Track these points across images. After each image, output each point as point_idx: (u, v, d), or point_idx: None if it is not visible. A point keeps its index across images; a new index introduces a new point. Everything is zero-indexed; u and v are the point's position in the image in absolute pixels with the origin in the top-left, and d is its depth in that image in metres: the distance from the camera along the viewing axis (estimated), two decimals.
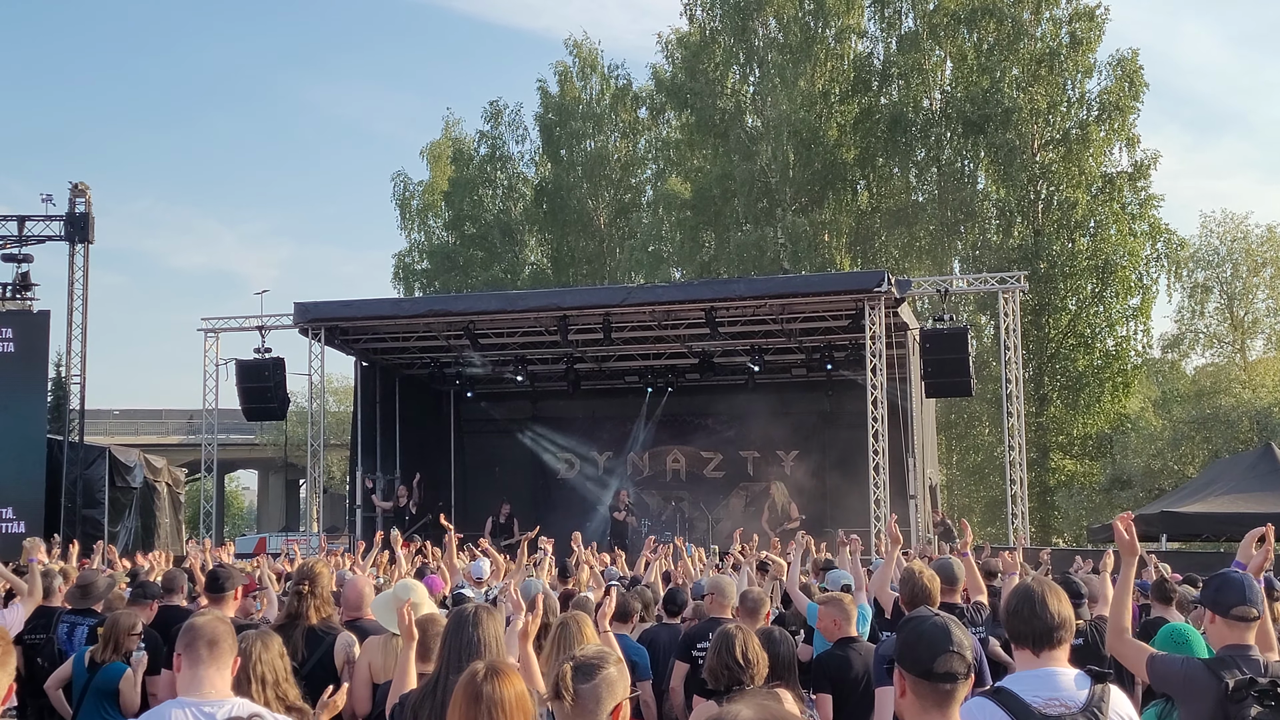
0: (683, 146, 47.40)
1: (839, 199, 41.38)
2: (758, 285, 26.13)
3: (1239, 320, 42.30)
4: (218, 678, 4.27)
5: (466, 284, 49.56)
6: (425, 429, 30.03)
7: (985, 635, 8.17)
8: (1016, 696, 3.99)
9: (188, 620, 4.51)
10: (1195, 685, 4.73)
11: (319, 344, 26.37)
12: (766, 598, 8.31)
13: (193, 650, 4.30)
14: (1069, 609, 4.26)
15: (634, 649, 7.92)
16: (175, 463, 35.45)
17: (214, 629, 4.38)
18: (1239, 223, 41.79)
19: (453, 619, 5.11)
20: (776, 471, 28.75)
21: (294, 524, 42.74)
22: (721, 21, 43.50)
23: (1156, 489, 33.29)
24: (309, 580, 7.11)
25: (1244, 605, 4.88)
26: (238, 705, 4.19)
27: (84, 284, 28.51)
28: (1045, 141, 38.71)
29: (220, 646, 4.31)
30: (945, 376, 23.98)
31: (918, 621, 3.66)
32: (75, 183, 28.59)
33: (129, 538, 28.44)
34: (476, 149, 54.50)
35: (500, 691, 3.54)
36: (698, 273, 42.45)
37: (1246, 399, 36.12)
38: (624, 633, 8.21)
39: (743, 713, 2.16)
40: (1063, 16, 39.50)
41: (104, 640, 7.54)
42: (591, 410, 30.78)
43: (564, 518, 29.00)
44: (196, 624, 4.43)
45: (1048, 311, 38.07)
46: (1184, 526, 21.89)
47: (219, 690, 4.21)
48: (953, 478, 40.58)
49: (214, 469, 28.78)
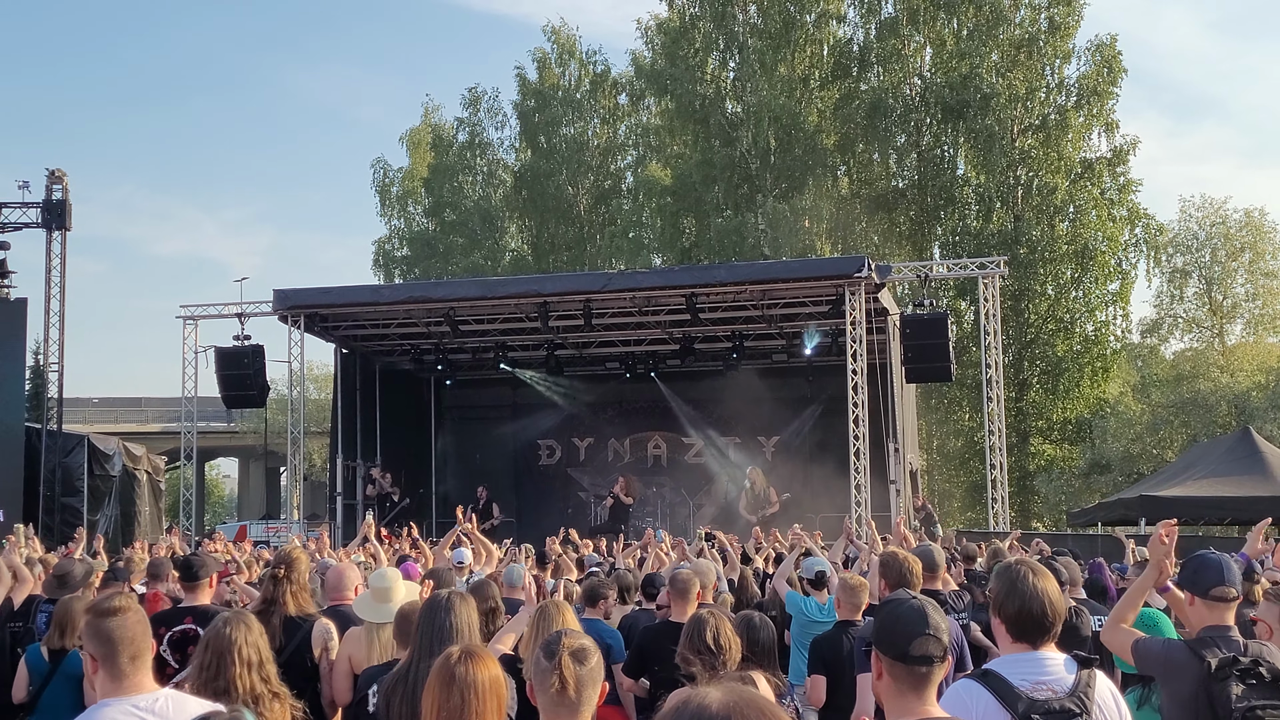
0: (663, 133, 47.34)
1: (819, 185, 41.37)
2: (738, 271, 26.17)
3: (1218, 305, 42.42)
4: (144, 680, 4.07)
5: (447, 271, 49.47)
6: (405, 416, 30.00)
7: (967, 621, 8.19)
8: (1004, 679, 3.99)
9: (98, 620, 4.10)
10: (1177, 665, 4.75)
11: (299, 331, 26.30)
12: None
13: (114, 663, 4.02)
14: (1059, 593, 4.26)
15: (608, 633, 7.90)
16: (155, 451, 35.39)
17: (135, 637, 4.08)
18: (1218, 208, 41.90)
19: (426, 605, 5.12)
20: (757, 457, 28.79)
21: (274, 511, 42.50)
22: (701, 7, 43.41)
23: (1135, 473, 33.42)
24: (285, 565, 7.07)
25: (1222, 586, 4.91)
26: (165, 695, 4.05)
27: (61, 271, 28.43)
28: (1024, 127, 38.77)
29: (142, 656, 4.08)
30: (925, 362, 24.04)
31: (894, 604, 3.65)
32: (52, 169, 28.51)
33: (109, 526, 28.39)
34: (456, 135, 54.36)
35: (474, 674, 3.54)
36: (678, 259, 42.46)
37: (1225, 383, 36.25)
38: (596, 617, 8.20)
39: (711, 694, 2.14)
40: (1041, 2, 39.55)
41: (55, 626, 7.27)
42: (572, 396, 30.77)
43: (544, 504, 29.09)
44: (112, 631, 4.05)
45: (1027, 297, 38.18)
46: (1163, 510, 21.80)
47: (143, 685, 4.07)
48: (933, 463, 40.71)
49: (194, 457, 28.69)
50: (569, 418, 30.94)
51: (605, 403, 30.66)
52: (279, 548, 11.30)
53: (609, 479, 28.41)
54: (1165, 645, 4.96)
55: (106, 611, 4.12)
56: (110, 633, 4.04)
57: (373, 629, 6.51)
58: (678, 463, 30.16)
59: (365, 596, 6.75)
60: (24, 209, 28.07)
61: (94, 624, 4.09)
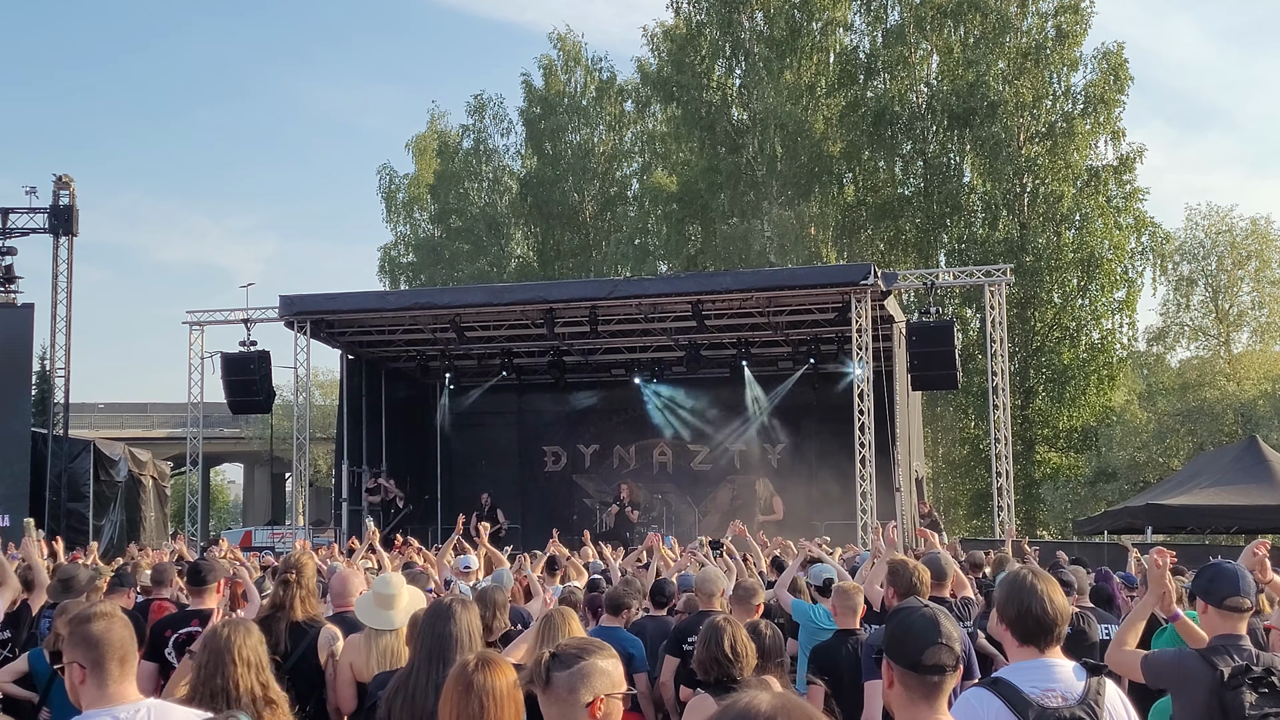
0: (669, 139, 47.32)
1: (825, 192, 41.36)
2: (744, 278, 26.15)
3: (1224, 313, 42.31)
4: (128, 689, 3.99)
5: (452, 277, 49.49)
6: (411, 422, 30.00)
7: (974, 630, 8.17)
8: (1015, 687, 3.98)
9: (83, 626, 4.01)
10: (1189, 674, 4.76)
11: (305, 337, 26.33)
12: (760, 588, 8.31)
13: (101, 670, 3.94)
14: (1064, 600, 4.25)
15: (629, 641, 7.87)
16: (160, 456, 35.43)
17: (121, 641, 4.00)
18: (1223, 216, 41.75)
19: (428, 613, 5.08)
20: (764, 464, 28.76)
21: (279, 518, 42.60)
22: (708, 15, 43.39)
23: (1141, 482, 33.36)
24: (295, 570, 7.04)
25: (1237, 596, 4.92)
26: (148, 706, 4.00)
27: (68, 277, 28.47)
28: (1030, 135, 38.75)
29: (129, 663, 4.01)
30: (931, 369, 24.02)
31: (906, 613, 3.64)
32: (59, 175, 28.56)
33: (114, 531, 28.42)
34: (461, 142, 54.39)
35: (491, 682, 3.52)
36: (684, 266, 42.42)
37: (1231, 392, 36.19)
38: (617, 625, 8.18)
39: (761, 698, 2.18)
40: (1048, 10, 39.58)
41: (55, 630, 7.32)
42: (577, 403, 30.77)
43: (549, 511, 29.07)
44: (98, 635, 3.97)
45: (1033, 305, 38.15)
46: (1169, 519, 21.96)
47: (127, 695, 4.01)
48: (939, 470, 40.66)
49: (199, 462, 28.68)
50: (574, 424, 30.95)
51: (611, 409, 30.65)
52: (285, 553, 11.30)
53: (613, 486, 28.40)
54: (1177, 655, 4.97)
55: (90, 618, 4.04)
56: (97, 637, 3.96)
57: (372, 635, 6.48)
58: (683, 470, 30.14)
59: (367, 599, 6.68)
60: (31, 214, 28.11)
61: (78, 631, 4.00)
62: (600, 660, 3.29)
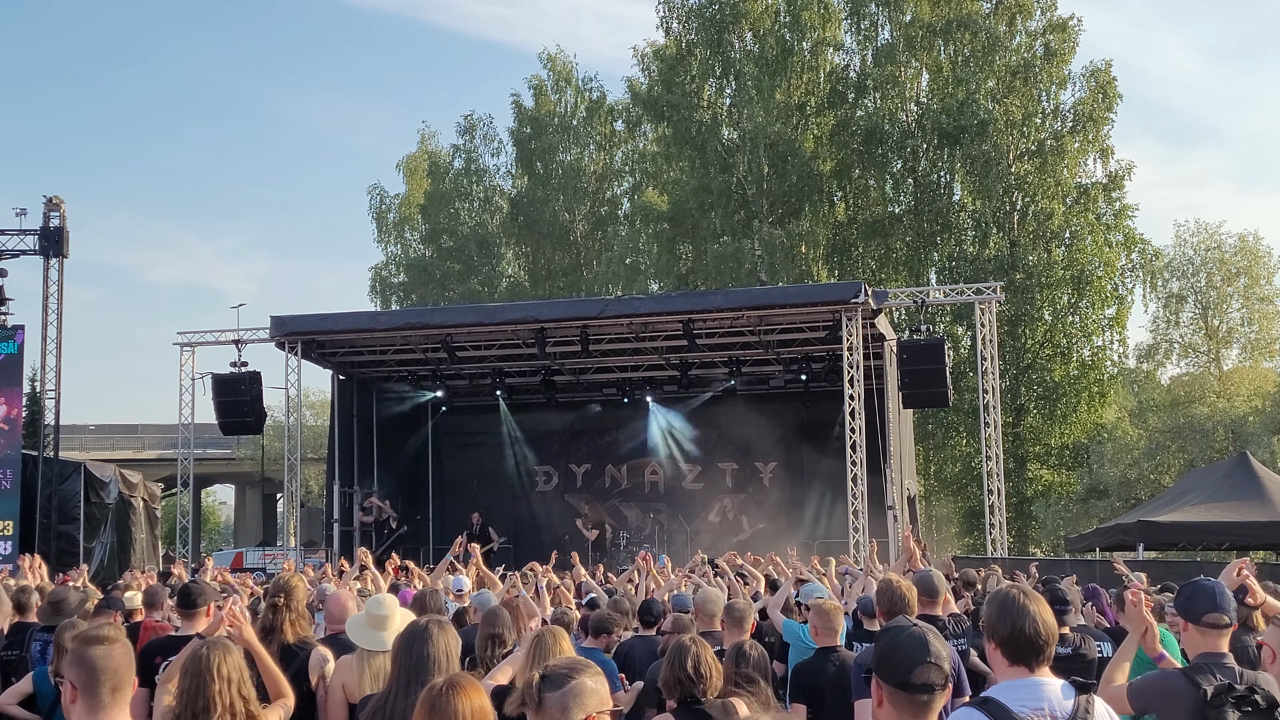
0: (659, 159, 47.39)
1: (816, 211, 41.47)
2: (735, 297, 26.20)
3: (1214, 330, 42.49)
4: (118, 716, 3.95)
5: (444, 297, 49.54)
6: (403, 442, 29.97)
7: (966, 647, 8.17)
8: (1004, 706, 3.97)
9: (84, 648, 3.98)
10: (1174, 694, 4.76)
11: (296, 357, 26.28)
12: (751, 609, 8.30)
13: (94, 694, 3.91)
14: (1053, 619, 4.25)
15: (603, 661, 7.87)
16: (151, 477, 35.29)
17: (119, 668, 3.97)
18: (1212, 232, 42.04)
19: (404, 635, 5.06)
20: (755, 482, 28.77)
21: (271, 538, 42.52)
22: (698, 34, 43.53)
23: (1133, 498, 33.42)
24: (284, 594, 7.03)
25: (1215, 613, 4.92)
26: None
27: (59, 298, 28.39)
28: (1020, 153, 38.88)
29: (123, 690, 3.98)
30: (922, 387, 24.04)
31: (895, 632, 3.64)
32: (50, 196, 28.47)
33: (104, 553, 28.29)
34: (452, 162, 54.51)
35: (458, 704, 3.52)
36: (675, 285, 42.47)
37: (1221, 408, 36.30)
38: (597, 648, 8.16)
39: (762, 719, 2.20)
40: (1037, 29, 39.82)
41: (57, 650, 7.29)
42: (569, 423, 30.76)
43: (541, 530, 29.02)
44: (96, 660, 3.94)
45: (1024, 322, 38.24)
46: (1160, 536, 22.01)
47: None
48: (930, 488, 40.68)
49: (190, 484, 28.61)
50: (566, 444, 30.93)
51: (603, 429, 30.65)
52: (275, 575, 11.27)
53: (603, 506, 28.42)
54: (1161, 675, 4.98)
55: (94, 639, 4.02)
56: (94, 661, 3.93)
57: (364, 657, 6.46)
58: (675, 489, 30.10)
59: (360, 619, 6.66)
60: (21, 236, 28.05)
61: (79, 651, 3.99)
62: (589, 679, 3.31)
